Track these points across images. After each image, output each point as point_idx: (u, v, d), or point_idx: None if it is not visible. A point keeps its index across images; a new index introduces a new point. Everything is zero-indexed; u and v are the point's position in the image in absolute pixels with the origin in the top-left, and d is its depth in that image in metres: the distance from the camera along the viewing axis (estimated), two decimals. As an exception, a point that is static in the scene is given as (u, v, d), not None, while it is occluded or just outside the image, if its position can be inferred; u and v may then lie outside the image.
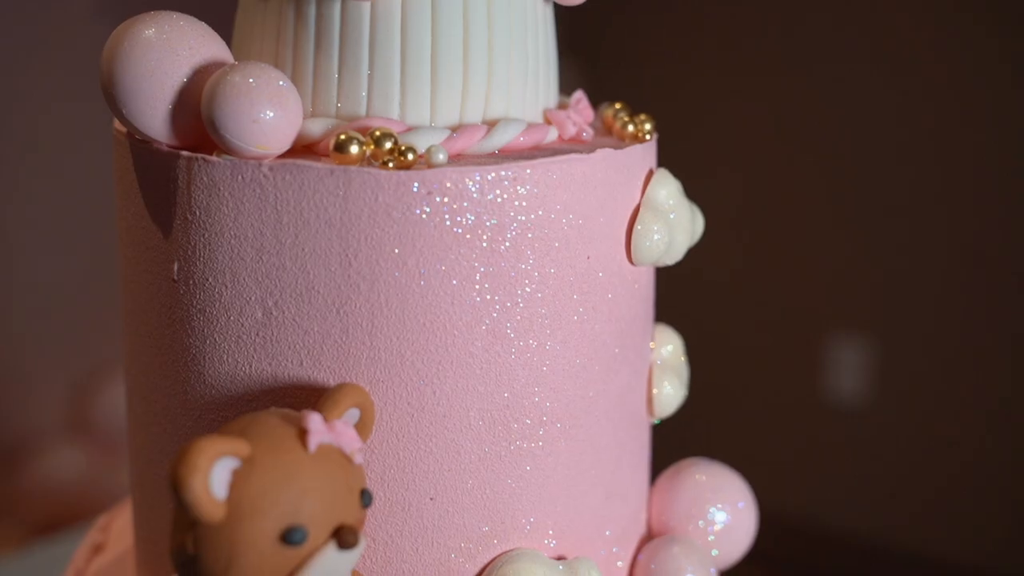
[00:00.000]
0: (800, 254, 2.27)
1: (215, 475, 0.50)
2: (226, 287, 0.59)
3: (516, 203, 0.58)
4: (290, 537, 0.51)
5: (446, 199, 0.57)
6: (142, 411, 0.66)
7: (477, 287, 0.58)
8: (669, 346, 0.72)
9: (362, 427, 0.57)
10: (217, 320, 0.59)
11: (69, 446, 2.01)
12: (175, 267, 0.60)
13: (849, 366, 2.24)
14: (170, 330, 0.62)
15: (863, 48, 2.14)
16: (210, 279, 0.59)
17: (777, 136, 2.26)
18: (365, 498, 0.54)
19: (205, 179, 0.58)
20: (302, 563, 0.52)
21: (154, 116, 0.58)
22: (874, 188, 2.16)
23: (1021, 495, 2.08)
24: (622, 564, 0.69)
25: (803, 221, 2.26)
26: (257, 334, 0.59)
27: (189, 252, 0.59)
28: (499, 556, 0.61)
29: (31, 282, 1.98)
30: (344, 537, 0.52)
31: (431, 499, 0.60)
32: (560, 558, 0.63)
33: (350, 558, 0.53)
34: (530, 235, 0.59)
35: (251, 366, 0.59)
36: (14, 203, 1.94)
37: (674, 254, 0.67)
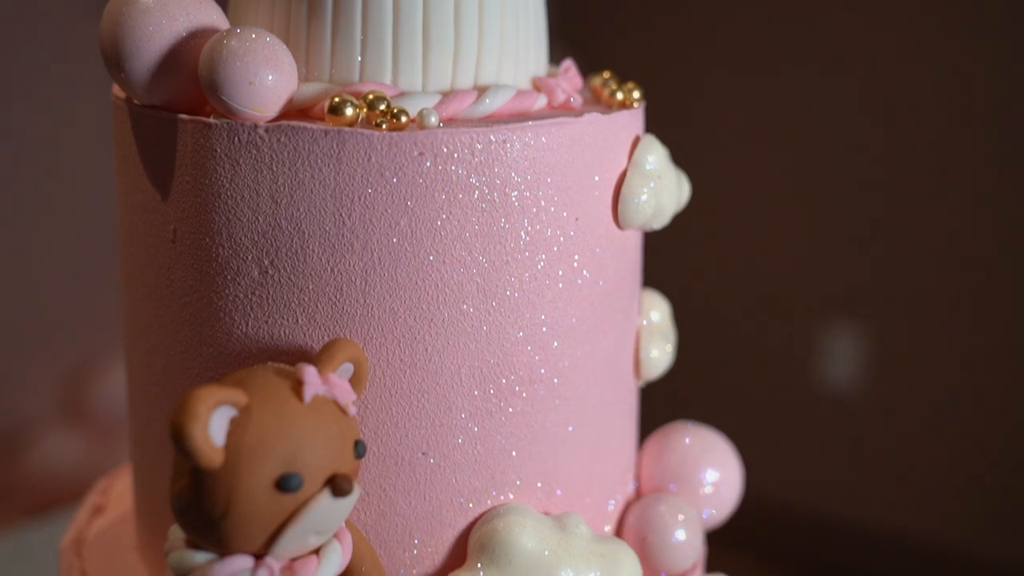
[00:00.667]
0: (794, 241, 2.28)
1: (214, 422, 0.51)
2: (223, 247, 0.60)
3: (506, 165, 0.60)
4: (286, 484, 0.52)
5: (438, 160, 0.58)
6: (141, 372, 0.67)
7: (467, 246, 0.60)
8: (657, 310, 0.74)
9: (356, 381, 0.58)
10: (214, 280, 0.61)
11: (65, 432, 2.02)
12: (172, 229, 0.62)
13: (842, 354, 2.25)
14: (168, 291, 0.63)
15: (855, 31, 2.15)
16: (207, 240, 0.60)
17: (772, 120, 2.27)
18: (359, 448, 0.55)
19: (202, 141, 0.59)
20: (297, 510, 0.53)
21: (152, 80, 0.59)
22: (869, 175, 2.17)
23: (1013, 481, 2.09)
24: (610, 524, 0.70)
25: (798, 207, 2.26)
26: (253, 293, 0.60)
27: (186, 214, 0.61)
28: (489, 510, 0.63)
29: (28, 267, 1.99)
30: (339, 485, 0.53)
31: (423, 454, 0.61)
32: (548, 514, 0.65)
33: (344, 506, 0.54)
34: (520, 196, 0.60)
35: (248, 324, 0.61)
36: (9, 190, 1.95)
37: (661, 218, 0.68)
